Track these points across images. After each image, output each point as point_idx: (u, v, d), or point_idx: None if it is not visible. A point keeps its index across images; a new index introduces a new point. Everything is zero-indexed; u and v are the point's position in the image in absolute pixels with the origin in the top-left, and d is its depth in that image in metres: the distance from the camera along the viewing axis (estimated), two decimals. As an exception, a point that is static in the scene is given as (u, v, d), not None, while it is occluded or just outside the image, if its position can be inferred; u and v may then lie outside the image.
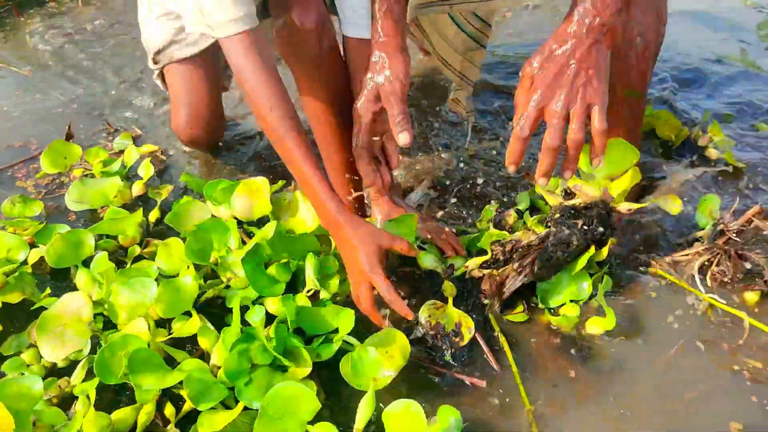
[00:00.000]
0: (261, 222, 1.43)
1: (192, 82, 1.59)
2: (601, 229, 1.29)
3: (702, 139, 1.77)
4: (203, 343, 1.20)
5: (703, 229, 1.43)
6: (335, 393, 1.16)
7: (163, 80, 1.64)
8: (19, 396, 1.04)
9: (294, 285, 1.32)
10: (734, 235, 1.41)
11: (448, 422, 1.05)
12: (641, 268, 1.41)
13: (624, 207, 1.35)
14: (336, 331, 1.21)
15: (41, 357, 1.16)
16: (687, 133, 1.79)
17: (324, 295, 1.29)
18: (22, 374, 1.13)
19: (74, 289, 1.28)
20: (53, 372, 1.18)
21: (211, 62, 1.61)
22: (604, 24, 1.04)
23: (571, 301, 1.30)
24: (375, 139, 1.27)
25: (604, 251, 1.30)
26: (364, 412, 1.05)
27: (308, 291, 1.28)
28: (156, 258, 1.33)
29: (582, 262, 1.27)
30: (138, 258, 1.39)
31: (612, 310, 1.24)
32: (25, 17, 2.49)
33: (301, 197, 1.41)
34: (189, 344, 1.23)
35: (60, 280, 1.36)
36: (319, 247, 1.35)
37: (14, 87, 2.08)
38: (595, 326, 1.27)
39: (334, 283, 1.30)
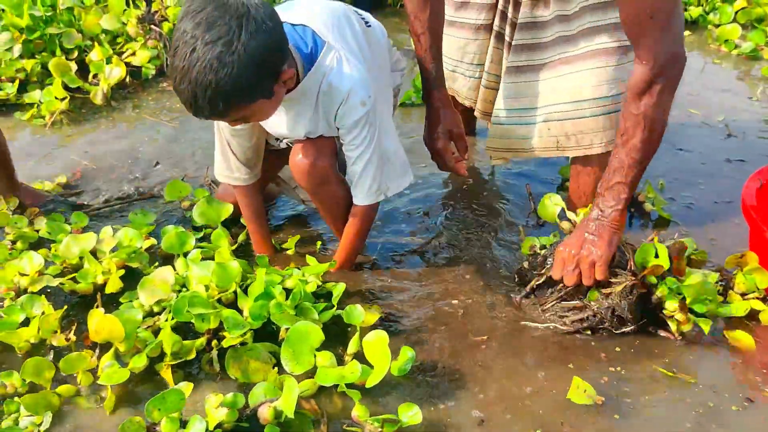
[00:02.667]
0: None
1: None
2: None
3: (640, 196, 2.31)
4: (240, 303, 1.80)
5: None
6: (336, 341, 1.74)
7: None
8: (127, 320, 1.69)
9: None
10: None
11: (407, 356, 1.62)
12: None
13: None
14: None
15: (143, 305, 1.82)
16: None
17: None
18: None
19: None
20: (151, 314, 1.82)
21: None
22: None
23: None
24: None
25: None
26: (352, 344, 1.65)
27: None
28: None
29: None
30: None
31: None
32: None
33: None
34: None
35: (167, 262, 2.02)
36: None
37: (162, 136, 2.87)
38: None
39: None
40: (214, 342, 1.72)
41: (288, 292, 1.79)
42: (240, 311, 1.77)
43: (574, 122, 1.97)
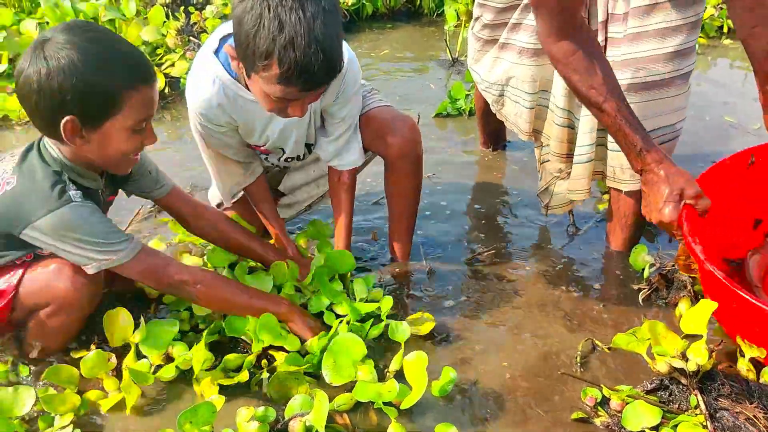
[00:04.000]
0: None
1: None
2: None
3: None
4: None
5: (643, 269, 1.95)
6: (378, 354, 1.76)
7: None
8: (164, 330, 1.73)
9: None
10: (668, 267, 1.91)
11: (449, 377, 1.61)
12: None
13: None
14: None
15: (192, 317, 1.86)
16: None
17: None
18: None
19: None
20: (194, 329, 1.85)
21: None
22: None
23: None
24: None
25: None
26: (395, 361, 1.65)
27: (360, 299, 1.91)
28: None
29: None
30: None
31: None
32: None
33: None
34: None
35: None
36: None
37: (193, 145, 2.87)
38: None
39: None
40: (264, 361, 1.72)
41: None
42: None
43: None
